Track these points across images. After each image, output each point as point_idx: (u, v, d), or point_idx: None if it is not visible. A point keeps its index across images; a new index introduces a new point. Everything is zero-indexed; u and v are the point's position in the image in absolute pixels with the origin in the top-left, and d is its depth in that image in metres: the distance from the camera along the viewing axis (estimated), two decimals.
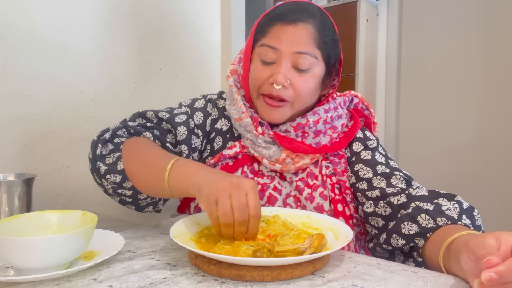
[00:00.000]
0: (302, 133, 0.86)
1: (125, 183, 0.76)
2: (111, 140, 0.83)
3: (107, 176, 0.77)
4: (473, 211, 0.70)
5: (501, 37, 2.30)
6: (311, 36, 0.81)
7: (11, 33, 1.01)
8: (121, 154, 0.78)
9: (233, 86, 0.90)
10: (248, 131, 0.86)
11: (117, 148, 0.80)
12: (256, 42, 0.86)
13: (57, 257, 0.54)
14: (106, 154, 0.80)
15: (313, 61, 0.82)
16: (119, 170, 0.76)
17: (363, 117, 0.96)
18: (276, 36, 0.82)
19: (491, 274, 0.45)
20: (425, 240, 0.67)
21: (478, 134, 2.38)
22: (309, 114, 0.86)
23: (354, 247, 0.85)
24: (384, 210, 0.77)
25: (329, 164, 0.88)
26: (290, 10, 0.83)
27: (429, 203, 0.71)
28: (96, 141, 0.81)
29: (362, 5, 2.54)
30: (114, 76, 1.24)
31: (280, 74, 0.80)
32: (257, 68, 0.84)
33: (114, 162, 0.77)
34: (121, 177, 0.76)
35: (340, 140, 0.89)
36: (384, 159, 0.87)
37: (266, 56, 0.82)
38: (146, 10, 1.32)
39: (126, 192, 0.78)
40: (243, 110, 0.86)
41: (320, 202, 0.84)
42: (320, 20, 0.83)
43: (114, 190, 0.79)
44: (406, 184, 0.79)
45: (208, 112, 0.93)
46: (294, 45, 0.80)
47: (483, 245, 0.48)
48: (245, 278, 0.54)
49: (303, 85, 0.82)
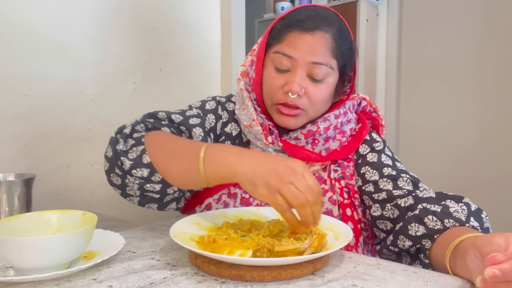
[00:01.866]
0: (312, 140, 0.85)
1: (154, 176, 0.71)
2: (130, 135, 0.78)
3: (133, 171, 0.71)
4: (481, 213, 0.69)
5: (502, 37, 2.30)
6: (328, 46, 0.79)
7: (11, 33, 1.02)
8: (145, 147, 0.73)
9: (243, 90, 0.88)
10: (258, 139, 0.85)
11: (139, 141, 0.75)
12: (270, 46, 0.84)
13: (57, 257, 0.54)
14: (127, 149, 0.75)
15: (329, 71, 0.81)
16: (146, 164, 0.71)
17: (371, 119, 0.95)
18: (292, 44, 0.79)
19: (494, 270, 0.44)
20: (432, 241, 0.67)
21: (478, 134, 2.38)
22: (320, 120, 0.85)
23: (362, 251, 0.84)
24: (392, 213, 0.76)
25: (337, 168, 0.87)
26: (309, 17, 0.80)
27: (436, 204, 0.70)
28: (115, 138, 0.76)
29: (362, 5, 2.54)
30: (114, 76, 1.24)
31: (296, 83, 0.79)
32: (271, 75, 0.83)
33: (139, 156, 0.72)
34: (148, 170, 0.71)
35: (349, 144, 0.88)
36: (391, 161, 0.86)
37: (281, 64, 0.80)
38: (146, 10, 1.32)
39: (155, 187, 0.72)
40: (253, 117, 0.84)
41: (329, 207, 0.83)
42: (338, 29, 0.81)
43: (141, 185, 0.73)
44: (413, 186, 0.79)
45: (219, 114, 0.91)
46: (310, 54, 0.78)
47: (490, 243, 0.48)
48: (245, 278, 0.54)
49: (318, 94, 0.81)
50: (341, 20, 0.84)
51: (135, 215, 0.91)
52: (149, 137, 0.77)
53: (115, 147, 0.74)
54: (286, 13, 0.85)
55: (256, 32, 3.10)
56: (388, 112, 2.67)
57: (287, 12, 0.85)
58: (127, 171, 0.72)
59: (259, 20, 3.14)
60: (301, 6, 0.85)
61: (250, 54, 0.91)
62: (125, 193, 0.76)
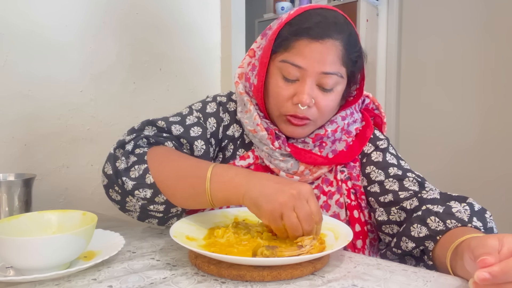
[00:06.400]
0: (320, 143, 0.84)
1: (158, 198, 0.69)
2: (133, 152, 0.74)
3: (136, 192, 0.68)
4: (485, 213, 0.69)
5: (502, 37, 2.29)
6: (338, 54, 0.76)
7: (11, 33, 1.02)
8: (148, 166, 0.70)
9: (244, 94, 0.84)
10: (264, 144, 0.82)
11: (142, 159, 0.72)
12: (275, 53, 0.79)
13: (57, 257, 0.54)
14: (128, 167, 0.71)
15: (338, 80, 0.78)
16: (149, 184, 0.68)
17: (373, 116, 0.94)
18: (301, 53, 0.75)
19: (484, 273, 0.45)
20: (435, 243, 0.66)
21: (478, 134, 2.38)
22: (327, 123, 0.84)
23: (369, 253, 0.83)
24: (398, 216, 0.76)
25: (344, 169, 0.86)
26: (318, 24, 0.75)
27: (439, 205, 0.70)
28: (114, 154, 0.73)
29: (362, 5, 2.54)
30: (114, 76, 1.24)
31: (306, 94, 0.76)
32: (278, 85, 0.79)
33: (142, 176, 0.69)
34: (151, 191, 0.68)
35: (354, 145, 0.86)
36: (396, 160, 0.85)
37: (289, 73, 0.77)
38: (146, 10, 1.32)
39: (158, 208, 0.70)
40: (257, 122, 0.81)
41: (336, 210, 0.82)
42: (348, 35, 0.78)
43: (144, 207, 0.70)
44: (419, 186, 0.78)
45: (220, 117, 0.87)
46: (320, 64, 0.75)
47: (483, 245, 0.48)
48: (245, 278, 0.54)
49: (327, 104, 0.79)
50: (350, 24, 0.80)
51: None
52: (151, 154, 0.73)
53: (115, 164, 0.71)
54: (292, 18, 0.79)
55: (256, 32, 3.10)
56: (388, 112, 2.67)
57: (293, 16, 0.79)
58: (129, 191, 0.69)
59: (259, 20, 3.14)
60: (307, 8, 0.80)
61: (248, 55, 0.87)
62: (125, 209, 0.74)
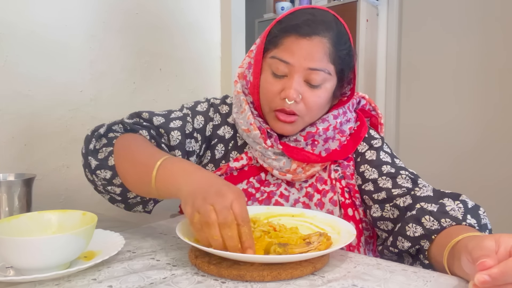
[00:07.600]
0: (312, 141, 0.85)
1: (115, 180, 0.73)
2: (105, 135, 0.80)
3: (98, 171, 0.74)
4: (479, 209, 0.69)
5: (501, 37, 2.30)
6: (325, 51, 0.78)
7: (11, 33, 1.01)
8: (114, 149, 0.75)
9: (240, 93, 0.87)
10: (257, 143, 0.84)
11: (110, 142, 0.77)
12: (267, 51, 0.83)
13: (57, 257, 0.54)
14: (98, 148, 0.77)
15: (326, 77, 0.79)
16: (110, 166, 0.73)
17: (369, 117, 0.95)
18: (288, 49, 0.78)
19: (484, 276, 0.45)
20: (430, 242, 0.67)
21: (478, 134, 2.38)
22: (318, 122, 0.85)
23: (364, 251, 0.84)
24: (392, 213, 0.77)
25: (338, 168, 0.87)
26: (306, 21, 0.78)
27: (433, 203, 0.70)
28: (90, 136, 0.78)
29: (362, 5, 2.54)
30: (114, 76, 1.24)
31: (292, 89, 0.78)
32: (268, 80, 0.82)
33: (106, 157, 0.74)
34: (111, 173, 0.73)
35: (348, 144, 0.87)
36: (390, 158, 0.85)
37: (278, 69, 0.79)
38: (146, 10, 1.32)
39: (115, 190, 0.75)
40: (251, 121, 0.84)
41: (330, 208, 0.82)
42: (336, 33, 0.79)
43: (104, 186, 0.76)
44: (412, 183, 0.78)
45: (209, 116, 0.91)
46: (307, 60, 0.77)
47: (480, 247, 0.48)
48: (245, 278, 0.54)
49: (314, 100, 0.80)
50: (340, 23, 0.82)
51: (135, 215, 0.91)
52: (121, 139, 0.77)
53: (88, 145, 0.77)
54: (283, 16, 0.83)
55: (256, 32, 3.10)
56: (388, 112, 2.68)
57: (284, 15, 0.83)
58: (93, 170, 0.75)
59: (259, 20, 3.15)
60: (298, 8, 0.83)
61: (248, 56, 0.90)
62: (97, 189, 0.80)
